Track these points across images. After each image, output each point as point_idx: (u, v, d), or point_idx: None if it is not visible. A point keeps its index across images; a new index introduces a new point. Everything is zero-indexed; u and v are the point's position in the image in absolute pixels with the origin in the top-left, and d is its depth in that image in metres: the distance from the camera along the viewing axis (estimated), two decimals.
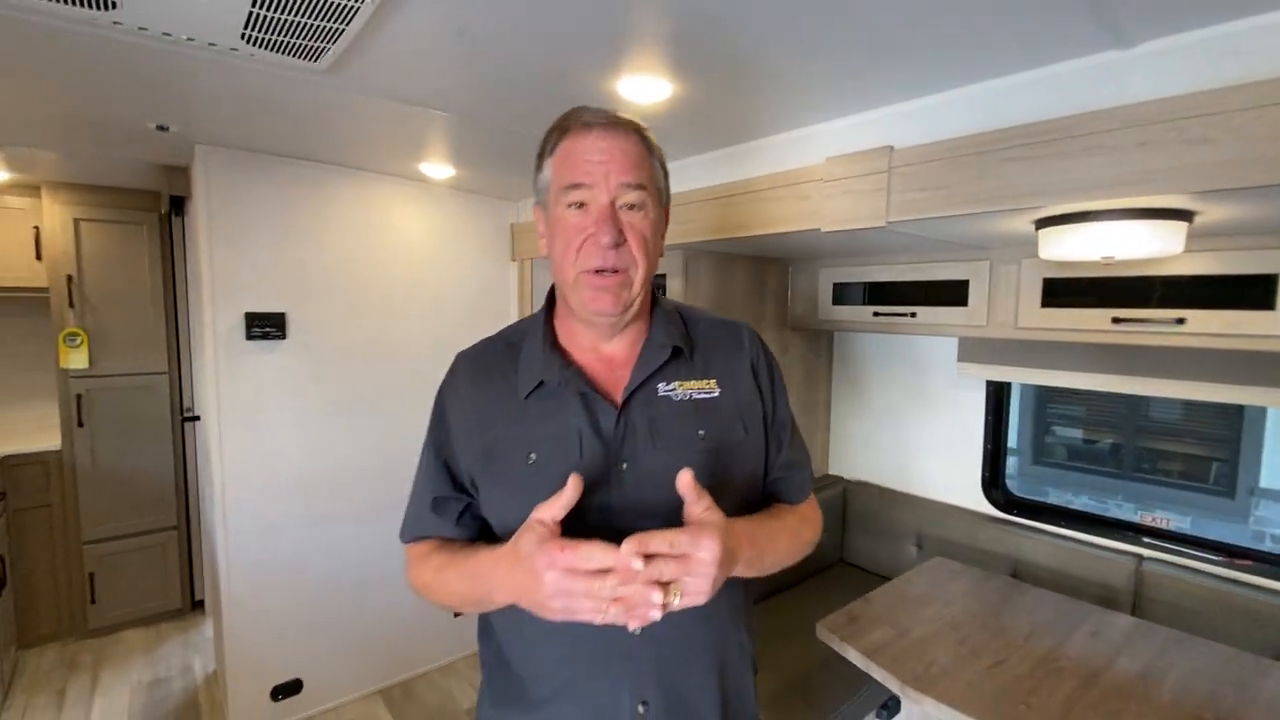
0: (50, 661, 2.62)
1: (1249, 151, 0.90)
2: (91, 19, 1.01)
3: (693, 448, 0.79)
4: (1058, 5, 0.92)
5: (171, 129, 1.75)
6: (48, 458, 2.66)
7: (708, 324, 0.90)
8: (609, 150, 0.76)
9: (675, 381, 0.82)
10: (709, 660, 0.81)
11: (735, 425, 0.83)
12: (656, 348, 0.82)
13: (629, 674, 0.76)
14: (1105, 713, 1.22)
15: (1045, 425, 5.93)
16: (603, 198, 0.75)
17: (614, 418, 0.78)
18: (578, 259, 0.76)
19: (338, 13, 0.98)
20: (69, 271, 2.64)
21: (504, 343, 0.88)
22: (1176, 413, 4.96)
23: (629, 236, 0.76)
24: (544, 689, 0.79)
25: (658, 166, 0.82)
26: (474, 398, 0.83)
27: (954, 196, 1.21)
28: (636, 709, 0.76)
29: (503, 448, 0.79)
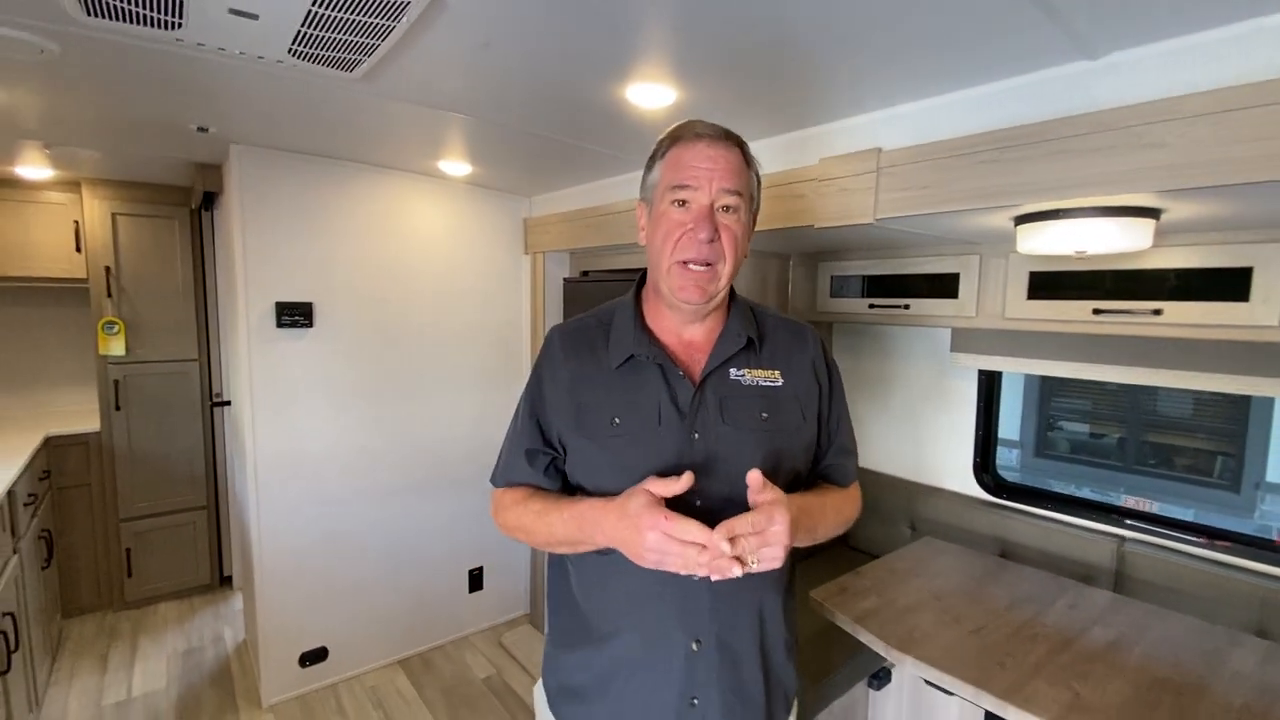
0: (92, 630, 2.78)
1: (1199, 155, 0.99)
2: (156, 36, 1.13)
3: (756, 427, 0.91)
4: (1030, 20, 1.02)
5: (211, 130, 1.88)
6: (88, 439, 2.82)
7: (776, 321, 1.02)
8: (714, 159, 0.87)
9: (745, 369, 0.94)
10: (752, 613, 0.92)
11: (794, 412, 0.95)
12: (733, 337, 0.94)
13: (688, 617, 0.88)
14: (1075, 673, 1.32)
15: (1048, 419, 5.97)
16: (704, 199, 0.87)
17: (690, 393, 0.90)
18: (675, 250, 0.88)
19: (376, 31, 1.09)
20: (107, 263, 2.78)
21: (596, 320, 1.00)
22: (1181, 407, 5.00)
23: (722, 235, 0.88)
24: (610, 625, 0.91)
25: (754, 178, 0.94)
26: (568, 367, 0.95)
27: (937, 195, 1.31)
28: (691, 646, 0.88)
29: (591, 411, 0.91)
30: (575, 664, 0.95)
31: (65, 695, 2.34)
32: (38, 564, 2.31)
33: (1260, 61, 0.95)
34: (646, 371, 0.91)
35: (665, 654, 0.88)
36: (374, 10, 1.02)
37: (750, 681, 0.92)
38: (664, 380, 0.91)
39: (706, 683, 0.89)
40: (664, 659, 0.88)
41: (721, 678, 0.89)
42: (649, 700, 0.89)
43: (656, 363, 0.91)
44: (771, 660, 0.95)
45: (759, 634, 0.93)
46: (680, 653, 0.88)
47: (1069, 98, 1.15)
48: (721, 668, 0.89)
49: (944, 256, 1.97)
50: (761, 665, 0.93)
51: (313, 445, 2.37)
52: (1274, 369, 1.57)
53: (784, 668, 0.98)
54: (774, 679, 0.96)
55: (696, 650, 0.88)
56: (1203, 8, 0.94)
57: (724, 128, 0.90)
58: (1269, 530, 1.82)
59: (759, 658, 0.93)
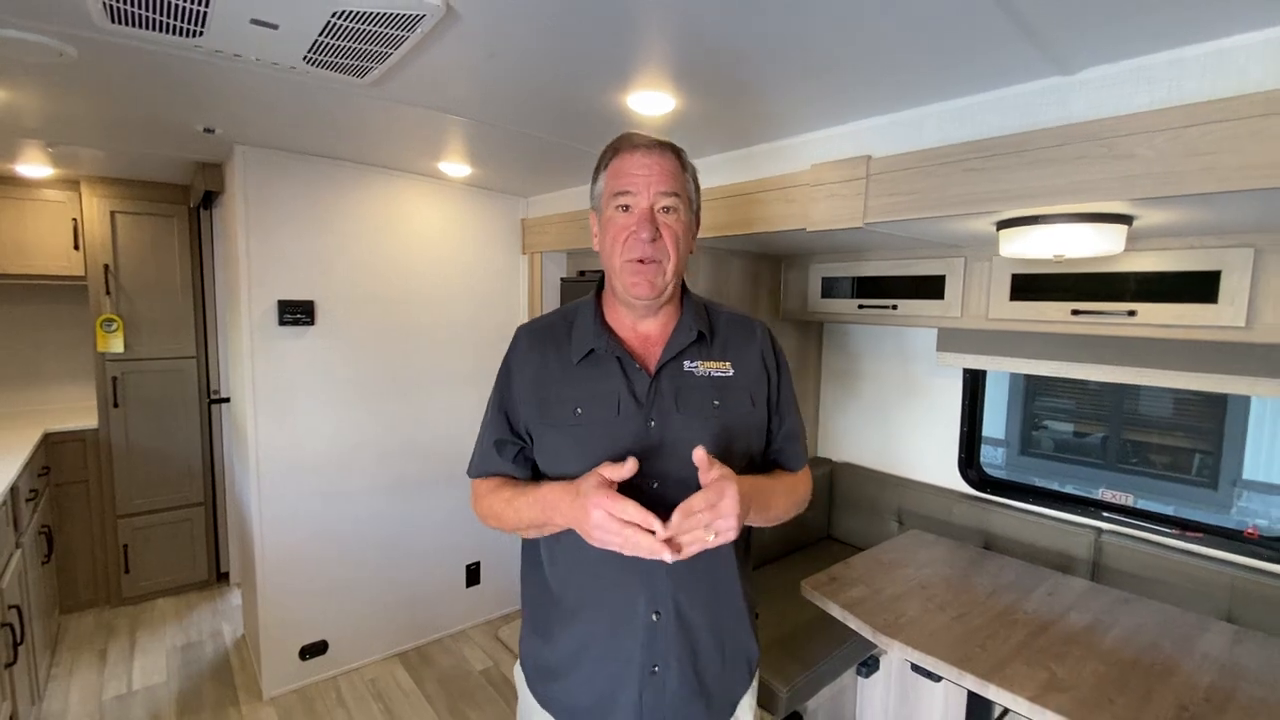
0: (90, 625, 2.80)
1: (1164, 166, 1.06)
2: (175, 43, 1.17)
3: (709, 414, 0.98)
4: (1009, 37, 1.08)
5: (218, 131, 1.92)
6: (86, 436, 2.84)
7: (728, 316, 1.09)
8: (651, 166, 0.95)
9: (698, 360, 1.01)
10: (707, 586, 0.99)
11: (744, 400, 1.02)
12: (685, 330, 1.01)
13: (649, 591, 0.95)
14: (1051, 655, 1.40)
15: (1033, 418, 6.09)
16: (644, 202, 0.94)
17: (647, 384, 0.97)
18: (622, 250, 0.96)
19: (390, 40, 1.14)
20: (106, 261, 2.80)
21: (560, 319, 1.07)
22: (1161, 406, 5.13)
23: (664, 233, 0.95)
24: (578, 604, 0.98)
25: (690, 181, 1.01)
26: (533, 362, 1.02)
27: (922, 201, 1.38)
28: (651, 618, 0.95)
29: (555, 402, 0.98)
30: (549, 643, 1.02)
31: (66, 689, 2.36)
32: (39, 559, 2.33)
33: (1219, 81, 1.02)
34: (606, 365, 0.98)
35: (629, 627, 0.95)
36: (390, 22, 1.07)
37: (706, 649, 0.99)
38: (622, 372, 0.97)
39: (666, 652, 0.96)
40: (628, 632, 0.95)
41: (679, 646, 0.96)
42: (616, 671, 0.96)
43: (615, 356, 0.98)
44: (726, 629, 1.02)
45: (714, 605, 1.00)
46: (641, 624, 0.95)
47: (1046, 110, 1.22)
48: (679, 637, 0.96)
49: (930, 259, 2.04)
50: (717, 634, 1.00)
51: (313, 442, 2.40)
52: (1245, 368, 1.65)
53: (740, 636, 1.05)
54: (730, 646, 1.03)
55: (656, 621, 0.95)
56: (1167, 29, 1.01)
57: (659, 138, 0.98)
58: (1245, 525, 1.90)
59: (714, 627, 1.00)
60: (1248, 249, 1.48)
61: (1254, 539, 1.77)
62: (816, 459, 2.75)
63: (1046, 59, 1.15)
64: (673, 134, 1.70)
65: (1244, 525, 1.82)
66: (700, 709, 1.00)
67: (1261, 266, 1.47)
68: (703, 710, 1.00)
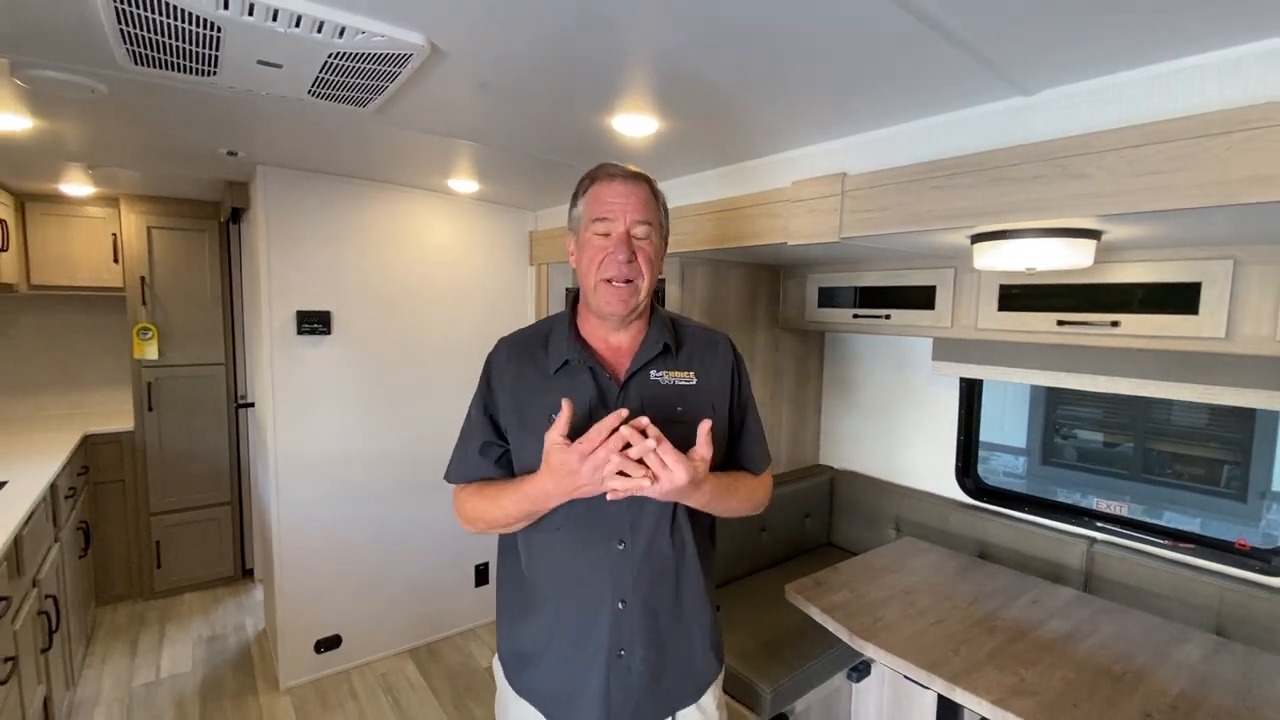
0: (123, 617, 2.97)
1: (1114, 185, 1.10)
2: (193, 81, 1.29)
3: (672, 419, 1.05)
4: (960, 64, 1.13)
5: (240, 155, 2.05)
6: (122, 438, 3.02)
7: (694, 329, 1.18)
8: (628, 195, 1.03)
9: (664, 370, 1.09)
10: (668, 576, 1.06)
11: (705, 407, 1.09)
12: (652, 344, 1.09)
13: (612, 581, 1.03)
14: (1023, 661, 1.42)
15: (1055, 427, 5.98)
16: (620, 227, 1.02)
17: (616, 391, 1.05)
18: (599, 270, 1.04)
19: (384, 76, 1.24)
20: (142, 273, 2.98)
21: (537, 331, 1.16)
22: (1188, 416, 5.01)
23: (639, 255, 1.03)
24: (549, 591, 1.06)
25: (661, 209, 1.10)
26: (512, 371, 1.10)
27: (894, 217, 1.43)
28: (617, 605, 1.03)
29: (532, 409, 1.06)
30: (523, 632, 1.10)
31: (99, 676, 2.51)
32: (76, 553, 2.49)
33: (1166, 102, 1.06)
34: (579, 374, 1.06)
35: (596, 615, 1.03)
36: (381, 61, 1.16)
37: (670, 635, 1.07)
38: (594, 381, 1.05)
39: (631, 638, 1.03)
40: (595, 619, 1.03)
41: (643, 633, 1.04)
42: (584, 656, 1.04)
43: (587, 366, 1.06)
44: (690, 617, 1.10)
45: (677, 595, 1.08)
46: (607, 612, 1.03)
47: (1008, 130, 1.27)
48: (642, 624, 1.04)
49: (922, 270, 2.07)
50: (680, 621, 1.08)
51: (330, 445, 2.52)
52: (1231, 378, 1.65)
53: (704, 624, 1.12)
54: (694, 634, 1.10)
55: (622, 609, 1.03)
56: (1117, 54, 1.05)
57: (634, 169, 1.06)
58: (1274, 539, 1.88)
59: (677, 615, 1.08)
60: (1227, 261, 1.49)
61: (1245, 551, 1.76)
62: (817, 466, 2.79)
63: (1005, 82, 1.20)
64: (658, 153, 1.78)
65: (1272, 540, 1.81)
66: (664, 689, 1.07)
67: (1240, 278, 1.48)
68: (667, 690, 1.07)
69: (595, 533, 1.03)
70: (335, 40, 1.08)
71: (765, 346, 2.53)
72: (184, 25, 1.03)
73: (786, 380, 2.62)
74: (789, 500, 2.55)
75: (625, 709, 1.04)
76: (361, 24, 1.04)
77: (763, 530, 2.46)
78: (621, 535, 1.03)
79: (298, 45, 1.10)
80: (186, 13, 0.99)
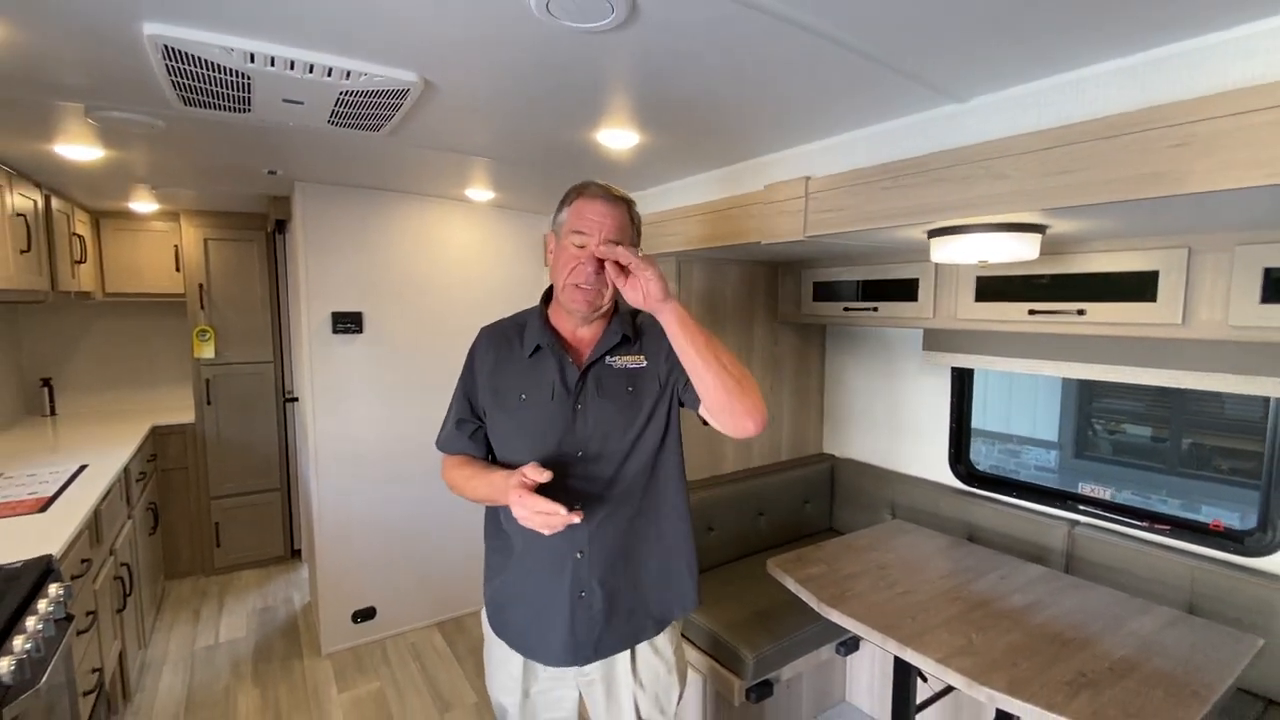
0: (187, 590, 3.30)
1: (1030, 184, 1.20)
2: (233, 116, 1.52)
3: (623, 398, 1.23)
4: (887, 79, 1.25)
5: (279, 173, 2.30)
6: (185, 429, 3.35)
7: (648, 320, 1.31)
8: (605, 215, 1.18)
9: (618, 356, 1.26)
10: (618, 529, 1.23)
11: (653, 384, 1.26)
12: (611, 335, 1.26)
13: (572, 535, 1.19)
14: (977, 626, 1.52)
15: (1089, 420, 5.85)
16: (595, 243, 1.17)
17: (576, 376, 1.22)
18: (569, 275, 1.20)
19: (387, 108, 1.43)
20: (200, 280, 3.30)
21: (514, 322, 1.33)
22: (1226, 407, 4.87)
23: (607, 268, 1.17)
24: (522, 545, 1.25)
25: (634, 229, 1.24)
26: (491, 356, 1.28)
27: (852, 215, 1.55)
28: (575, 555, 1.21)
29: (506, 390, 1.25)
30: (502, 580, 1.29)
31: (166, 639, 2.83)
32: (147, 530, 2.81)
33: (1075, 106, 1.16)
34: (548, 360, 1.23)
35: (560, 561, 1.21)
36: (384, 96, 1.36)
37: (624, 579, 1.25)
38: (559, 366, 1.23)
39: (590, 579, 1.21)
40: (559, 565, 1.21)
41: (600, 577, 1.22)
42: (551, 597, 1.22)
43: (554, 352, 1.23)
44: (643, 564, 1.27)
45: (625, 544, 1.24)
46: (569, 560, 1.21)
47: (947, 134, 1.38)
48: (598, 568, 1.22)
49: (906, 264, 2.16)
50: (636, 568, 1.25)
51: (364, 434, 2.77)
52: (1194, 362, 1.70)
53: (659, 571, 1.29)
54: (650, 578, 1.27)
55: (580, 559, 1.21)
56: (1030, 63, 1.16)
57: (617, 192, 1.21)
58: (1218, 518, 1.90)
59: (628, 561, 1.25)
60: (1182, 249, 1.55)
61: (1219, 531, 1.81)
62: (820, 455, 2.89)
63: (938, 93, 1.31)
64: (641, 162, 1.94)
65: (1214, 518, 1.84)
66: (623, 624, 1.25)
67: (1195, 266, 1.54)
68: (626, 624, 1.26)
69: (557, 496, 1.17)
70: (343, 81, 1.27)
71: (764, 339, 2.65)
72: (221, 75, 1.24)
73: (786, 371, 2.74)
74: (790, 486, 2.67)
75: (588, 640, 1.23)
76: (363, 68, 1.24)
77: (761, 515, 2.59)
78: (580, 499, 1.19)
79: (313, 86, 1.30)
80: (223, 65, 1.20)
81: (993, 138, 1.28)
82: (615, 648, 1.27)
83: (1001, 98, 1.28)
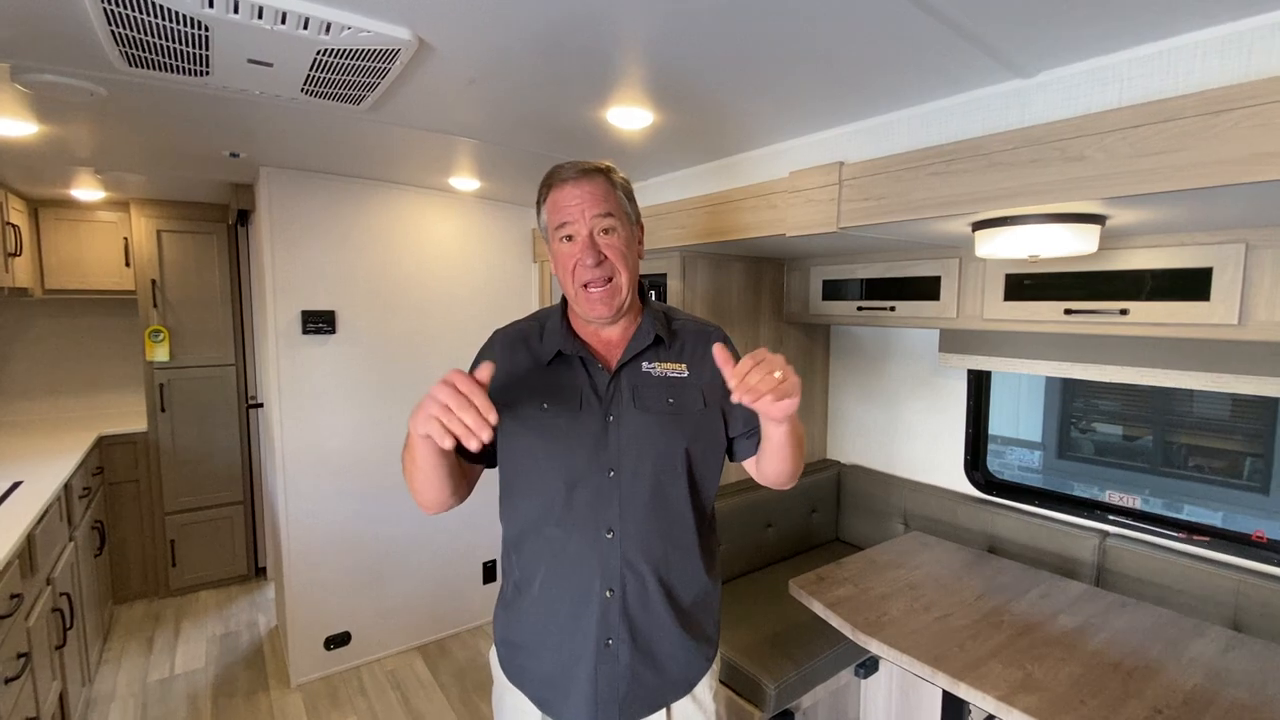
0: (139, 615, 3.02)
1: (1114, 167, 1.07)
2: (188, 82, 1.30)
3: (663, 410, 1.06)
4: (955, 47, 1.11)
5: (242, 156, 2.07)
6: (136, 439, 3.06)
7: (686, 321, 1.16)
8: (582, 195, 1.01)
9: (656, 362, 1.09)
10: (654, 563, 1.05)
11: (696, 398, 1.09)
12: (644, 336, 1.08)
13: (602, 570, 1.02)
14: (1030, 656, 1.40)
15: (1071, 420, 5.89)
16: (583, 230, 1.01)
17: (607, 382, 1.05)
18: (574, 277, 1.03)
19: (374, 72, 1.24)
20: (153, 276, 3.03)
21: (531, 323, 1.15)
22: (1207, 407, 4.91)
23: (608, 254, 1.02)
24: (540, 579, 1.06)
25: (622, 196, 1.07)
26: (507, 361, 1.09)
27: (892, 205, 1.40)
28: (605, 594, 1.02)
29: (524, 399, 1.06)
30: (515, 619, 1.10)
31: (115, 672, 2.56)
32: (91, 552, 2.53)
33: (1166, 80, 1.03)
34: (572, 365, 1.06)
35: (585, 604, 1.03)
36: (370, 57, 1.16)
37: (659, 624, 1.05)
38: (585, 372, 1.05)
39: (619, 626, 1.03)
40: (584, 608, 1.03)
41: (632, 622, 1.03)
42: (574, 645, 1.04)
43: (579, 357, 1.06)
44: (682, 607, 1.08)
45: (669, 584, 1.06)
46: (596, 601, 1.02)
47: (1006, 114, 1.24)
48: (631, 612, 1.03)
49: (926, 260, 2.04)
50: (672, 611, 1.06)
51: (336, 444, 2.54)
52: (1245, 366, 1.61)
53: (698, 615, 1.11)
54: (687, 624, 1.08)
55: (609, 598, 1.02)
56: (1114, 32, 1.03)
57: (588, 164, 1.03)
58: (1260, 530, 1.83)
59: (666, 604, 1.06)
60: (1239, 245, 1.45)
61: (1262, 543, 1.72)
62: (825, 461, 2.76)
63: (1002, 65, 1.17)
64: (652, 147, 1.77)
65: (1256, 529, 1.76)
66: (652, 681, 1.06)
67: (1253, 263, 1.44)
68: (655, 682, 1.06)
69: (584, 521, 1.02)
70: (322, 37, 1.08)
71: (769, 340, 2.51)
72: (172, 25, 1.04)
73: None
74: (795, 495, 2.53)
75: (613, 699, 1.04)
76: (347, 19, 1.04)
77: (769, 526, 2.44)
78: (610, 524, 1.02)
79: (285, 43, 1.10)
80: (172, 12, 0.99)
81: (1061, 117, 1.15)
82: (642, 711, 1.08)
83: (1074, 72, 1.15)
